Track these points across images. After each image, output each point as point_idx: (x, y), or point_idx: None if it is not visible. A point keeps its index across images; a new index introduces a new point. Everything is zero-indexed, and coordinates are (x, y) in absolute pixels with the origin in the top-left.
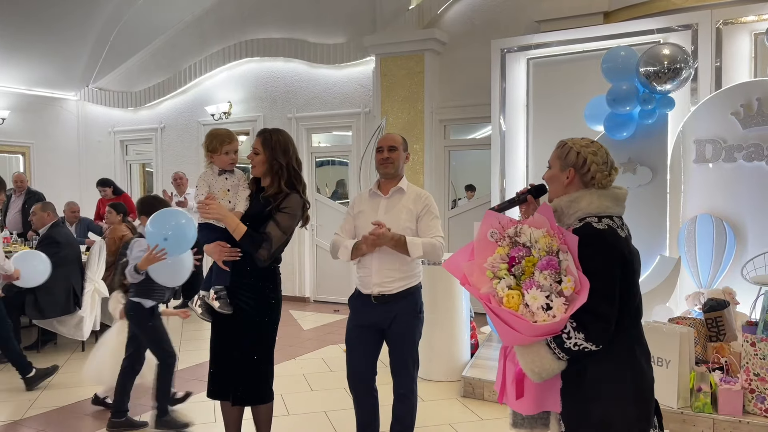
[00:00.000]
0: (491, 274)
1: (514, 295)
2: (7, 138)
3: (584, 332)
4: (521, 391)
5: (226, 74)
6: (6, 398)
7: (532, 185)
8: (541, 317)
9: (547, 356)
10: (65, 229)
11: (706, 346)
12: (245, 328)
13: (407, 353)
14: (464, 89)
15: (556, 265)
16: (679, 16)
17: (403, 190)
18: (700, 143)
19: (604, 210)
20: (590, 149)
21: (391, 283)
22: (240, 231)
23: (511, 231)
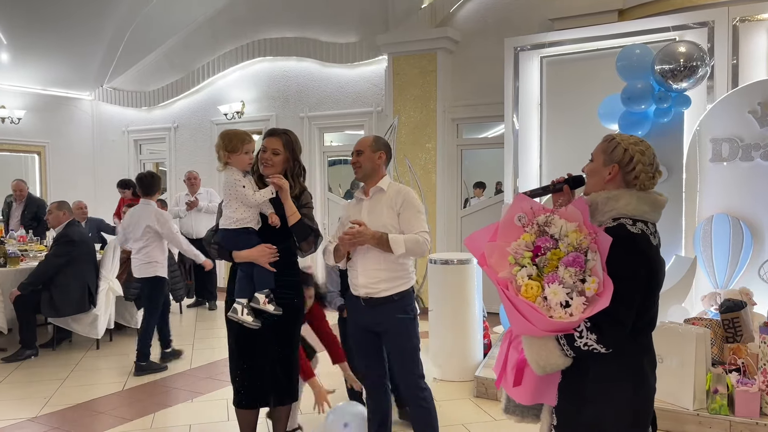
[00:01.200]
0: (513, 260)
1: (534, 286)
2: (23, 137)
3: (598, 334)
4: (519, 379)
5: (239, 74)
6: (21, 396)
7: (570, 175)
8: (558, 314)
9: (555, 351)
10: (80, 228)
11: (722, 347)
12: (287, 326)
13: (405, 359)
14: (477, 88)
15: (582, 263)
16: (695, 14)
17: (383, 190)
18: (716, 142)
19: (641, 214)
20: (638, 147)
21: (376, 284)
22: (297, 216)
23: (542, 219)
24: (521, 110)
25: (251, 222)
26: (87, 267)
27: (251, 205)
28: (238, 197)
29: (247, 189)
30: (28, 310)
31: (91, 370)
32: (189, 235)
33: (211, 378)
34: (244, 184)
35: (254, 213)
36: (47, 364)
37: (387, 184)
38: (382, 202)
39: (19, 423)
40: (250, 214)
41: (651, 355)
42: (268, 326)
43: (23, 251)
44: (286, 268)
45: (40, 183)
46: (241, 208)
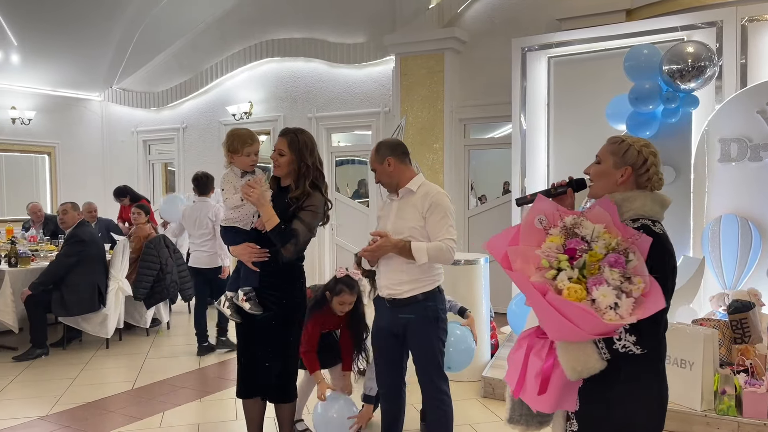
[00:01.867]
0: (547, 263)
1: (577, 289)
2: (34, 138)
3: (637, 335)
4: (545, 387)
5: (247, 74)
6: (31, 394)
7: (572, 178)
8: (609, 316)
9: (594, 355)
10: (90, 228)
11: (730, 348)
12: (274, 327)
13: (427, 363)
14: (484, 88)
15: (623, 264)
16: (703, 13)
17: (411, 191)
18: (725, 142)
19: (654, 214)
20: (650, 150)
21: (398, 286)
22: (273, 222)
23: (570, 220)
24: (529, 110)
25: (238, 222)
26: (97, 267)
27: (230, 207)
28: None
29: (226, 192)
30: (39, 309)
31: (101, 369)
32: None
33: (219, 377)
34: (224, 187)
35: (242, 214)
36: (58, 363)
37: (417, 184)
38: (410, 204)
39: (29, 421)
40: (237, 215)
41: (665, 353)
42: (256, 325)
43: (34, 251)
44: (277, 272)
45: (50, 183)
46: (229, 209)
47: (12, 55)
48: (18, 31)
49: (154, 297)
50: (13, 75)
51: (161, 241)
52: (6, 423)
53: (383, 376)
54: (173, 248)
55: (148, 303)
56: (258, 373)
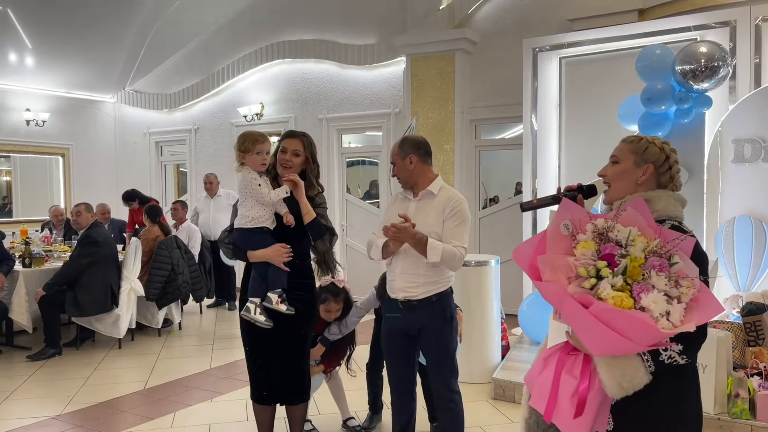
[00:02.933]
0: (585, 272)
1: (624, 297)
2: (48, 140)
3: (684, 344)
4: (581, 409)
5: (258, 76)
6: (45, 394)
7: (581, 185)
8: (662, 324)
9: (640, 369)
10: (103, 229)
11: (744, 350)
12: (298, 326)
13: (441, 362)
14: (495, 89)
15: (667, 267)
16: (716, 13)
17: (432, 194)
18: (738, 143)
19: (679, 215)
20: (670, 147)
21: (415, 288)
22: (312, 215)
23: (602, 223)
24: (540, 111)
25: (266, 221)
26: (110, 267)
27: (267, 204)
28: (254, 196)
29: (263, 187)
30: (52, 309)
31: (114, 369)
32: (207, 236)
33: (230, 378)
34: (260, 183)
35: (269, 212)
36: (71, 363)
37: (438, 187)
38: (431, 206)
39: (43, 421)
40: (266, 213)
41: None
42: (280, 327)
43: (48, 252)
44: (300, 269)
45: (64, 185)
46: (257, 207)
47: (27, 58)
48: (33, 35)
49: (165, 297)
50: (28, 77)
51: (173, 242)
52: (20, 422)
53: (396, 376)
54: (185, 249)
55: (159, 303)
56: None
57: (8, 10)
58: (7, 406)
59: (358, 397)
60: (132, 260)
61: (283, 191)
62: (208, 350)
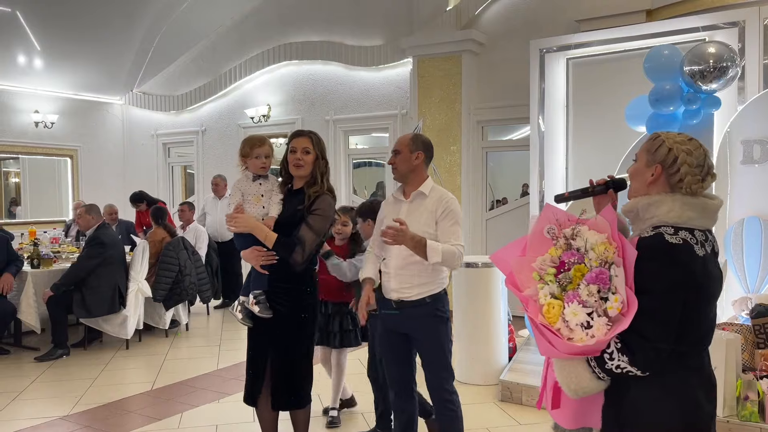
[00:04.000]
0: (537, 277)
1: (556, 305)
2: (56, 141)
3: (629, 356)
4: (558, 401)
5: (266, 77)
6: (53, 394)
7: (611, 177)
8: (579, 335)
9: (586, 374)
10: (110, 231)
11: (753, 353)
12: (284, 331)
13: (436, 362)
14: (502, 90)
15: (606, 279)
16: (725, 13)
17: (424, 194)
18: (747, 144)
19: (686, 221)
20: (685, 147)
21: (409, 289)
22: (271, 239)
23: (568, 231)
24: (547, 112)
25: None
26: (117, 268)
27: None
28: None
29: (232, 197)
30: (60, 310)
31: (121, 369)
32: (214, 238)
33: (237, 379)
34: (232, 192)
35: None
36: (78, 364)
37: (429, 188)
38: (423, 208)
39: (51, 421)
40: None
41: (704, 377)
42: (268, 332)
43: (56, 253)
44: (286, 275)
45: (72, 186)
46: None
47: (35, 60)
48: (41, 37)
49: (173, 299)
50: (36, 79)
51: (180, 243)
52: (28, 422)
53: (394, 376)
54: (192, 250)
55: (167, 305)
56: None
57: (17, 12)
58: (16, 406)
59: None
60: (139, 261)
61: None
62: (215, 351)
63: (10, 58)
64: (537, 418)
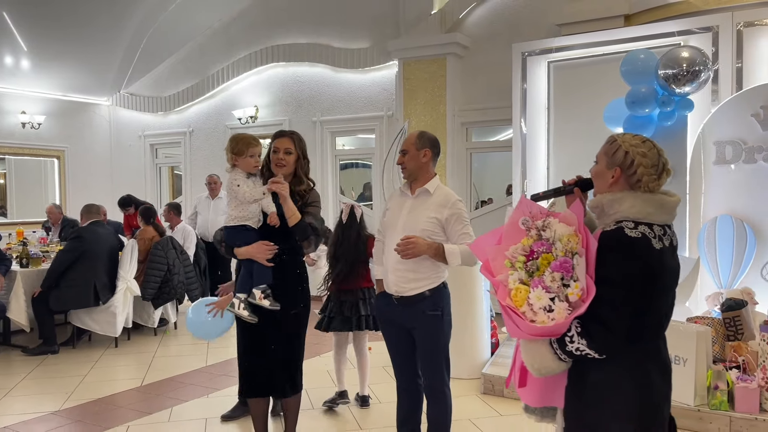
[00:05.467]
0: (509, 264)
1: (523, 290)
2: (43, 142)
3: (587, 339)
4: (524, 380)
5: (253, 79)
6: (43, 391)
7: (580, 177)
8: (541, 318)
9: (548, 355)
10: (94, 227)
11: (724, 345)
12: (285, 322)
13: (433, 355)
14: (486, 92)
15: (569, 268)
16: (699, 19)
17: (429, 192)
18: (720, 145)
19: (645, 216)
20: (640, 150)
21: (406, 284)
22: (297, 217)
23: (539, 223)
24: (529, 114)
25: (250, 220)
26: (95, 264)
27: (246, 202)
28: (236, 195)
29: (241, 187)
30: (43, 307)
31: (111, 366)
32: (205, 237)
33: (226, 375)
34: (239, 183)
35: (253, 211)
36: (68, 362)
37: (434, 187)
38: (425, 206)
39: (42, 416)
40: (248, 212)
41: (659, 361)
42: (268, 323)
43: (45, 252)
44: (288, 268)
45: (60, 187)
46: (240, 206)
47: (22, 61)
48: (28, 38)
49: (161, 297)
50: (24, 80)
51: (168, 243)
52: (20, 417)
53: (399, 369)
54: (180, 249)
55: (156, 303)
56: (266, 372)
57: (4, 13)
58: (6, 402)
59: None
60: (128, 260)
61: (260, 192)
62: (203, 349)
63: None
64: (517, 410)
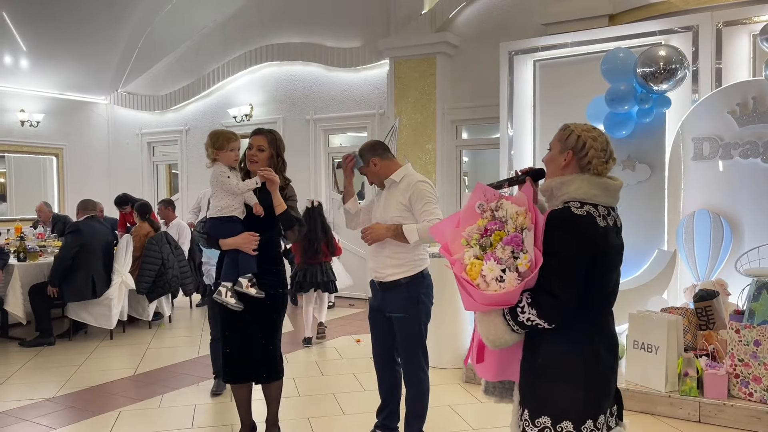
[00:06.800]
0: (465, 242)
1: (477, 264)
2: (42, 140)
3: (537, 309)
4: (482, 356)
5: (248, 78)
6: (39, 379)
7: (532, 168)
8: (493, 288)
9: (501, 326)
10: (91, 221)
11: (696, 334)
12: (268, 309)
13: (409, 341)
14: (475, 90)
15: (519, 242)
16: (680, 18)
17: (395, 182)
18: (698, 141)
19: (591, 197)
20: (591, 134)
21: (383, 269)
22: (283, 206)
23: (493, 204)
24: (516, 112)
25: (236, 210)
26: (92, 257)
27: (236, 194)
28: (224, 187)
29: (231, 179)
30: (41, 299)
31: (105, 357)
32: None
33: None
34: (229, 175)
35: (239, 202)
36: (64, 353)
37: (401, 176)
38: (394, 194)
39: (38, 402)
40: (235, 203)
41: (606, 334)
42: (251, 310)
43: (42, 247)
44: (270, 256)
45: (58, 184)
46: (226, 198)
47: (21, 60)
48: (27, 37)
49: (156, 291)
50: (22, 79)
51: (163, 238)
52: (16, 404)
53: (376, 349)
54: (175, 244)
55: (150, 297)
56: (247, 358)
57: (3, 12)
58: (3, 390)
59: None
60: (123, 254)
61: (253, 182)
62: (196, 341)
63: None
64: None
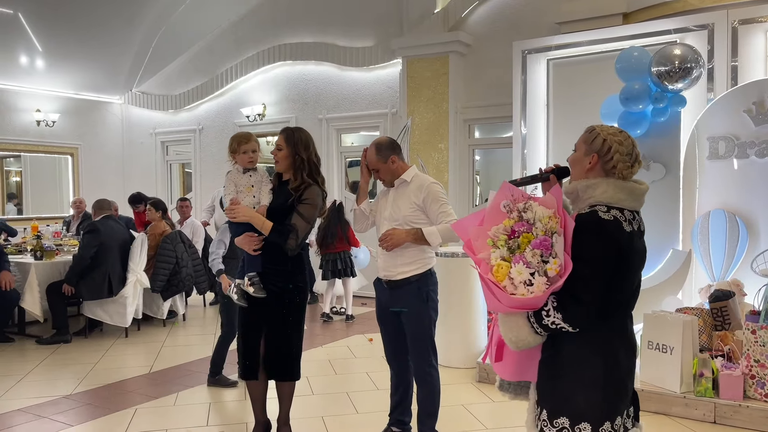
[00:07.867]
0: (491, 243)
1: (504, 266)
2: (57, 140)
3: (563, 313)
4: (500, 355)
5: (261, 77)
6: (56, 377)
7: (557, 165)
8: (521, 291)
9: (525, 328)
10: (109, 221)
11: (711, 335)
12: (276, 308)
13: (419, 338)
14: (488, 90)
15: (549, 246)
16: (695, 17)
17: (406, 182)
18: (713, 140)
19: (617, 201)
20: (617, 138)
21: (393, 268)
22: (267, 227)
23: (521, 206)
24: (529, 111)
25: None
26: (110, 256)
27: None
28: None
29: (226, 189)
30: (56, 296)
31: (121, 355)
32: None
33: (232, 363)
34: (225, 185)
35: (247, 203)
36: (80, 350)
37: (411, 175)
38: (405, 194)
39: (55, 399)
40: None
41: (625, 338)
42: (260, 309)
43: (58, 245)
44: (275, 257)
45: (73, 183)
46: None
47: (37, 61)
48: (43, 38)
49: (170, 290)
50: (38, 79)
51: (177, 237)
52: (34, 401)
53: (390, 353)
54: (188, 243)
55: (164, 295)
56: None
57: (19, 14)
58: (21, 387)
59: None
60: (138, 253)
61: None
62: (210, 339)
63: (13, 58)
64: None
